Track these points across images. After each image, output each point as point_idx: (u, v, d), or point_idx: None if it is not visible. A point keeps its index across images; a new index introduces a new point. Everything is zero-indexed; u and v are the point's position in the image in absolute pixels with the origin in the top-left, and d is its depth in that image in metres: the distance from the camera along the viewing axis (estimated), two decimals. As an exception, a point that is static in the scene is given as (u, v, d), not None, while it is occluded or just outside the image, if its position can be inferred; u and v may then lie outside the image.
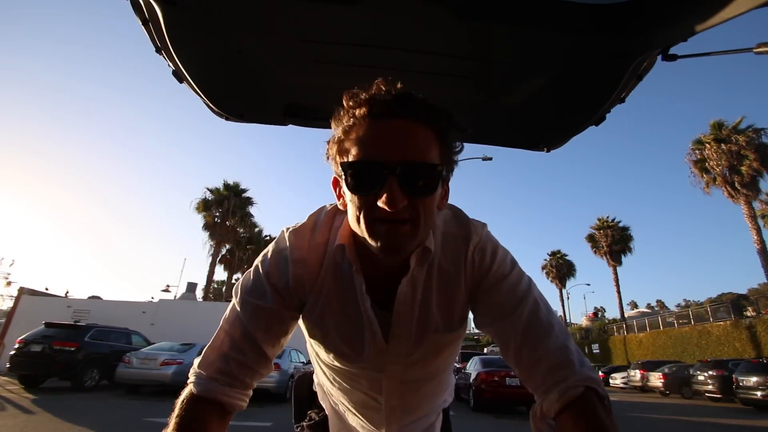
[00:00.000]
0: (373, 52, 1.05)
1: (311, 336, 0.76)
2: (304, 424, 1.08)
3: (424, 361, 0.76)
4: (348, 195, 0.61)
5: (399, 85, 0.62)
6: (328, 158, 0.65)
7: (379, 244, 0.59)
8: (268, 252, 0.74)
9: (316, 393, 1.06)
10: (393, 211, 0.56)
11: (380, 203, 0.56)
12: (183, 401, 0.66)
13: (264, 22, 0.98)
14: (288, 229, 0.75)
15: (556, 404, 0.61)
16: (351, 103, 0.62)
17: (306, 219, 0.76)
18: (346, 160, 0.60)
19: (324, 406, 1.02)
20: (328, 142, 0.65)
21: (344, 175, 0.60)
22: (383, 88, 0.61)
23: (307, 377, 1.12)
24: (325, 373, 0.86)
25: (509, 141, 1.46)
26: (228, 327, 0.70)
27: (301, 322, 0.76)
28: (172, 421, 0.64)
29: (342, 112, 0.63)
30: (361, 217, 0.59)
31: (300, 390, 1.14)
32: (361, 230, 0.61)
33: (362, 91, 0.62)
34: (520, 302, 0.68)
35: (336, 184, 0.67)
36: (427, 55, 1.06)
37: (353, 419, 0.91)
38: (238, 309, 0.71)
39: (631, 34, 0.94)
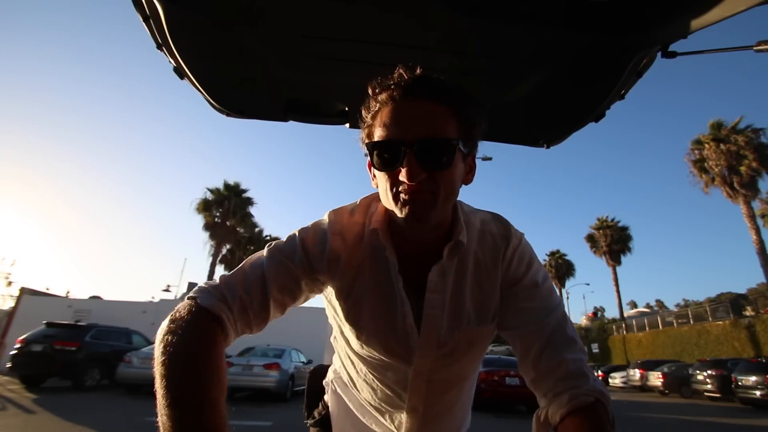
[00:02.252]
0: (374, 48, 1.06)
1: (347, 318, 0.76)
2: (309, 422, 1.09)
3: (453, 356, 0.76)
4: (377, 173, 0.67)
5: (419, 70, 0.66)
6: (362, 143, 0.70)
7: (403, 213, 0.63)
8: (308, 226, 0.76)
9: (324, 388, 1.06)
10: (413, 183, 0.61)
11: (401, 177, 0.61)
12: (188, 313, 0.62)
13: (264, 18, 0.98)
14: (329, 211, 0.78)
15: (564, 408, 0.62)
16: (376, 90, 0.67)
17: (346, 204, 0.80)
18: (371, 140, 0.66)
19: (330, 404, 1.02)
20: (360, 123, 0.71)
21: (369, 154, 0.66)
22: (404, 74, 0.65)
23: (322, 370, 1.11)
24: (353, 364, 0.86)
25: (509, 137, 1.46)
26: (248, 268, 0.71)
27: (336, 306, 0.77)
28: (184, 332, 0.58)
29: (368, 99, 0.68)
30: (388, 192, 0.64)
31: (312, 384, 1.14)
32: (389, 203, 0.66)
33: (385, 78, 0.67)
34: (549, 313, 0.71)
35: (370, 166, 0.71)
36: (427, 52, 1.06)
37: (371, 419, 0.91)
38: (264, 257, 0.72)
39: (630, 31, 0.95)
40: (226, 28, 1.02)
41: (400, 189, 0.63)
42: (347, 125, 1.38)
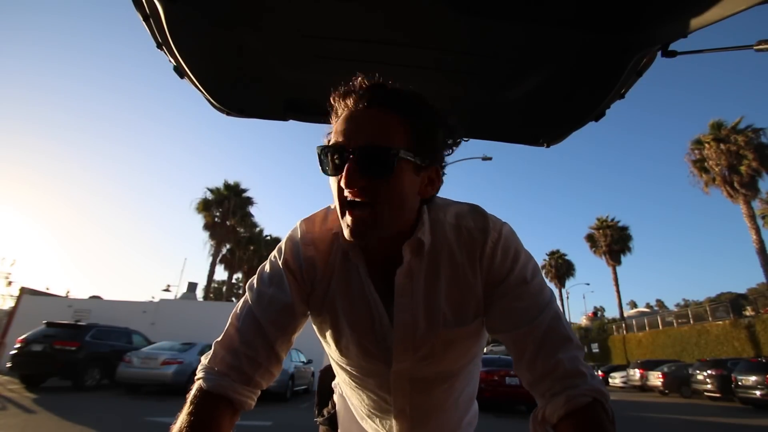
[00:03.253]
0: (374, 47, 1.06)
1: (320, 325, 0.76)
2: (318, 419, 1.10)
3: (433, 357, 0.73)
4: (329, 180, 0.66)
5: (379, 79, 0.67)
6: None
7: (345, 229, 0.63)
8: (282, 243, 0.78)
9: (333, 389, 1.07)
10: (350, 190, 0.60)
11: (342, 184, 0.61)
12: (193, 397, 0.64)
13: (264, 17, 0.98)
14: (301, 220, 0.79)
15: (561, 409, 0.61)
16: (335, 99, 0.67)
17: (319, 210, 0.80)
18: (321, 145, 0.66)
19: (337, 404, 1.04)
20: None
21: (319, 160, 0.65)
22: (361, 82, 0.65)
23: (331, 370, 1.13)
24: (339, 374, 0.86)
25: (509, 136, 1.46)
26: (238, 322, 0.70)
27: (316, 316, 0.76)
28: (183, 416, 0.61)
29: (333, 108, 0.68)
30: (336, 199, 0.64)
31: (323, 383, 1.16)
32: (338, 212, 0.65)
33: (347, 87, 0.66)
34: (541, 311, 0.68)
35: None
36: (427, 51, 1.06)
37: (368, 424, 0.91)
38: (252, 302, 0.71)
39: (630, 30, 0.94)
40: (226, 27, 1.02)
41: (343, 197, 0.62)
42: None
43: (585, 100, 1.22)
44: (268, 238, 31.89)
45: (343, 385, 0.91)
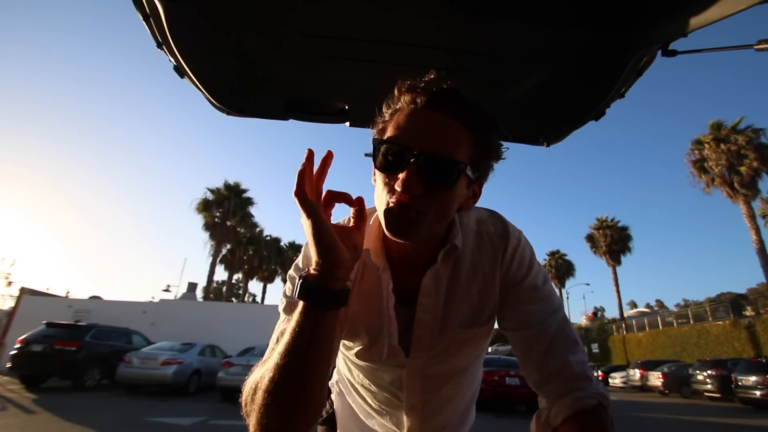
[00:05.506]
0: (374, 46, 1.06)
1: (342, 334, 0.76)
2: None
3: (445, 355, 0.75)
4: (376, 172, 0.64)
5: (450, 82, 0.64)
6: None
7: (386, 224, 0.61)
8: (305, 248, 0.76)
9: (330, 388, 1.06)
10: (406, 194, 0.58)
11: (397, 186, 0.59)
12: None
13: (264, 17, 0.98)
14: None
15: (568, 410, 0.62)
16: (402, 89, 0.64)
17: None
18: (380, 138, 0.64)
19: (335, 404, 1.03)
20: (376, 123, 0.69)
21: (374, 151, 0.63)
22: (433, 81, 0.63)
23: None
24: (350, 371, 0.87)
25: (509, 135, 1.46)
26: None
27: None
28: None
29: (392, 96, 0.66)
30: (382, 194, 0.62)
31: None
32: (379, 207, 0.63)
33: (416, 82, 0.63)
34: (550, 315, 0.71)
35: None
36: (427, 50, 1.06)
37: (374, 422, 0.91)
38: (282, 320, 0.71)
39: (631, 29, 0.94)
40: (226, 27, 1.02)
41: (392, 197, 0.60)
42: (347, 123, 1.38)
43: (585, 100, 1.22)
44: (269, 238, 31.88)
45: (350, 384, 0.91)
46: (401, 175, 0.58)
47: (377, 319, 0.73)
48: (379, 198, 0.63)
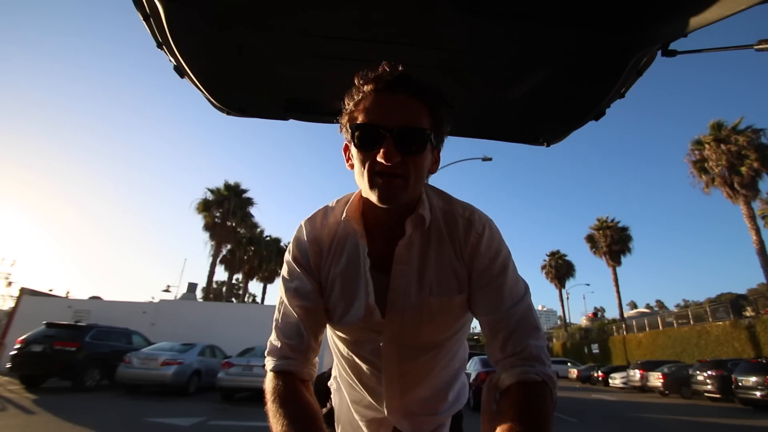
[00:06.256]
0: (373, 46, 1.06)
1: (327, 303, 0.85)
2: None
3: (418, 324, 0.82)
4: (355, 153, 0.74)
5: (400, 68, 0.74)
6: (341, 129, 0.78)
7: (377, 194, 0.71)
8: (290, 242, 0.88)
9: (329, 391, 1.09)
10: (389, 164, 0.69)
11: (379, 158, 0.69)
12: (269, 381, 0.77)
13: (265, 17, 0.98)
14: (303, 221, 0.89)
15: (514, 378, 0.71)
16: (361, 81, 0.74)
17: (317, 210, 0.89)
18: (350, 120, 0.74)
19: (333, 401, 1.06)
20: (341, 115, 0.78)
21: (352, 135, 0.73)
22: (387, 69, 0.73)
23: (324, 377, 1.14)
24: (339, 350, 0.94)
25: (510, 135, 1.46)
26: (281, 317, 0.84)
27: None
28: (270, 395, 0.74)
29: (353, 89, 0.76)
30: (365, 170, 0.72)
31: (319, 384, 1.17)
32: (364, 183, 0.73)
33: (370, 72, 0.74)
34: (516, 302, 0.78)
35: (346, 149, 0.80)
36: (427, 50, 1.07)
37: (357, 396, 0.96)
38: (285, 296, 0.84)
39: (631, 29, 0.94)
40: (226, 27, 1.02)
41: (376, 169, 0.71)
42: None
43: (585, 100, 1.22)
44: (269, 238, 31.86)
45: (341, 369, 0.96)
46: (381, 150, 0.69)
47: (355, 282, 0.81)
48: (361, 174, 0.73)
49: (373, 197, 0.72)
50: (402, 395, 0.89)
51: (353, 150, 0.74)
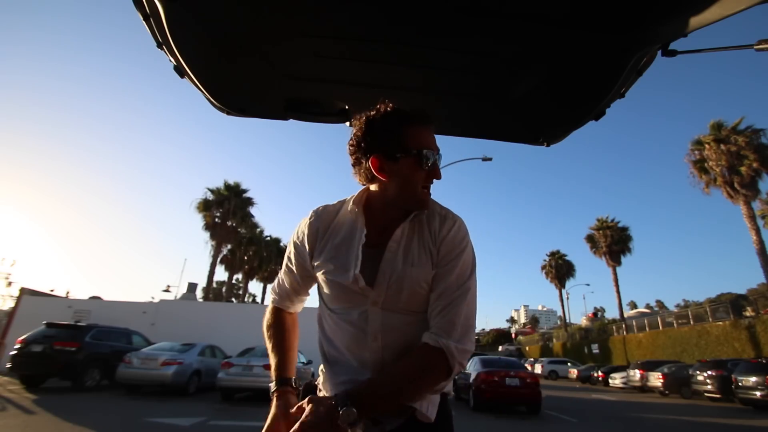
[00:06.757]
0: (374, 46, 1.06)
1: (317, 273, 1.04)
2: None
3: (402, 288, 0.97)
4: (408, 169, 0.95)
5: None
6: (387, 150, 0.95)
7: (422, 204, 0.98)
8: (299, 224, 1.10)
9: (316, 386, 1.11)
10: (434, 180, 0.98)
11: (434, 176, 0.97)
12: (268, 309, 1.20)
13: (264, 17, 0.98)
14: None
15: (423, 340, 0.90)
16: (414, 117, 0.95)
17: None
18: (412, 146, 0.94)
19: (320, 381, 1.11)
20: (363, 133, 0.97)
21: (418, 156, 0.94)
22: (422, 108, 0.98)
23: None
24: (329, 317, 1.07)
25: (510, 135, 1.46)
26: (280, 275, 1.18)
27: (317, 265, 1.04)
28: (265, 318, 1.17)
29: (388, 115, 0.96)
30: (417, 183, 0.96)
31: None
32: (414, 193, 0.97)
33: (415, 109, 0.96)
34: (458, 287, 0.96)
35: (379, 161, 0.96)
36: (427, 50, 1.06)
37: (343, 366, 1.03)
38: (287, 258, 1.12)
39: (631, 29, 0.94)
40: (226, 27, 1.02)
41: (425, 183, 0.96)
42: (347, 123, 1.38)
43: (585, 99, 1.22)
44: (269, 238, 31.85)
45: (330, 329, 1.07)
46: (436, 168, 0.96)
47: (348, 249, 1.00)
48: (413, 185, 0.96)
49: (417, 206, 0.99)
50: (384, 357, 0.98)
51: (406, 167, 0.94)
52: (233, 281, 34.47)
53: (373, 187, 1.01)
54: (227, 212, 24.76)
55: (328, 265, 1.00)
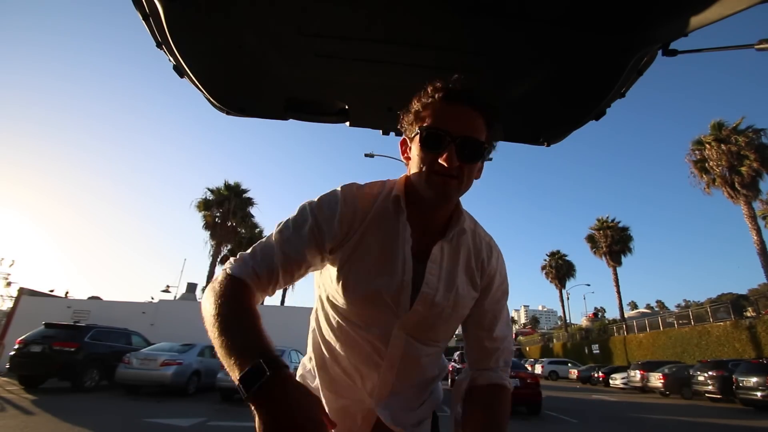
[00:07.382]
0: (374, 46, 1.06)
1: (341, 270, 0.85)
2: None
3: (439, 317, 0.88)
4: (416, 151, 0.82)
5: (464, 81, 0.81)
6: (401, 125, 0.86)
7: (434, 192, 0.80)
8: (320, 196, 0.87)
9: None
10: (448, 167, 0.76)
11: (440, 160, 0.77)
12: (221, 279, 0.80)
13: (264, 17, 0.98)
14: (341, 185, 0.89)
15: (491, 381, 0.89)
16: (432, 88, 0.80)
17: (355, 182, 0.92)
18: (422, 125, 0.80)
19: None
20: (404, 113, 0.86)
21: (419, 134, 0.80)
22: (457, 81, 0.80)
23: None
24: (337, 327, 0.91)
25: (510, 135, 1.46)
26: (263, 243, 0.84)
27: (336, 264, 0.85)
28: (212, 293, 0.78)
29: (423, 93, 0.82)
30: (424, 168, 0.79)
31: None
32: (420, 179, 0.81)
33: (440, 80, 0.81)
34: (508, 326, 0.96)
35: (404, 144, 0.88)
36: (427, 50, 1.06)
37: (341, 382, 0.93)
38: (275, 236, 0.83)
39: (631, 29, 0.94)
40: (226, 27, 1.01)
41: (435, 168, 0.78)
42: (347, 123, 1.38)
43: (585, 99, 1.22)
44: (268, 238, 31.74)
45: (333, 342, 0.93)
46: (444, 154, 0.76)
47: (388, 260, 0.84)
48: (418, 168, 0.81)
49: (428, 193, 0.80)
50: (393, 385, 0.91)
51: (415, 148, 0.82)
52: (233, 281, 34.37)
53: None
54: (227, 212, 24.76)
55: (363, 263, 0.84)
